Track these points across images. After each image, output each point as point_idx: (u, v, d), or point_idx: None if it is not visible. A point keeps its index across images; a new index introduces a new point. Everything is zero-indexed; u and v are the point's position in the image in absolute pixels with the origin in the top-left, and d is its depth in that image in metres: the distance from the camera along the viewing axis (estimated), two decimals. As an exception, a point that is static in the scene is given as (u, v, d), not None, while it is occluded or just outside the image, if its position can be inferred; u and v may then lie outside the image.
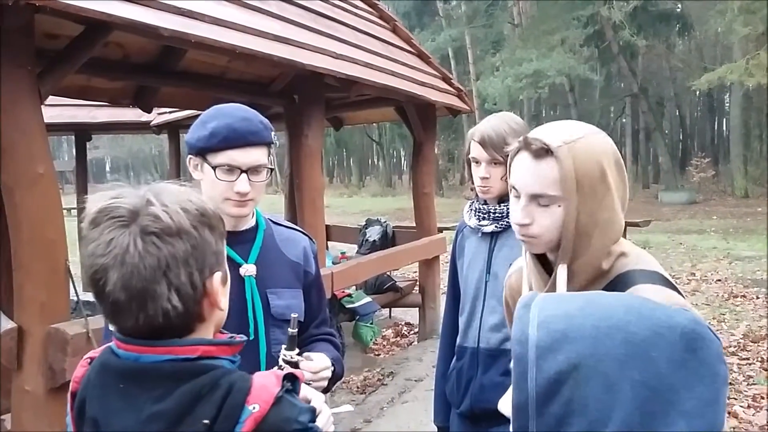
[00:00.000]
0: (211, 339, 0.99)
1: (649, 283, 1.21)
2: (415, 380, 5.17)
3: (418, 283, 6.71)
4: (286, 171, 6.49)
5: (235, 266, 1.56)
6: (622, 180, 1.27)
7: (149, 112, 5.91)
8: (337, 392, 5.15)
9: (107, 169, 67.76)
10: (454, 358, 2.19)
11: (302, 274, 1.70)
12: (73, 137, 8.69)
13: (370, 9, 6.08)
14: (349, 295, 5.87)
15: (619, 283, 1.23)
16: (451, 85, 6.43)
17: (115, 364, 0.96)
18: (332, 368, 1.55)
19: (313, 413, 0.99)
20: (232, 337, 1.05)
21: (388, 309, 7.23)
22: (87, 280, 0.93)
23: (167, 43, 3.47)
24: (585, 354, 0.87)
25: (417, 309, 6.60)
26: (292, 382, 0.98)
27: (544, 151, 1.22)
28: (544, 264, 1.35)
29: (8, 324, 2.61)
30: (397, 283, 6.54)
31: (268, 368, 1.49)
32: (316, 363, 1.48)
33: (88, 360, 1.04)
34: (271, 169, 1.60)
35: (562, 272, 1.24)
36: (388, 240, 7.37)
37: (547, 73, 21.24)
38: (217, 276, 0.98)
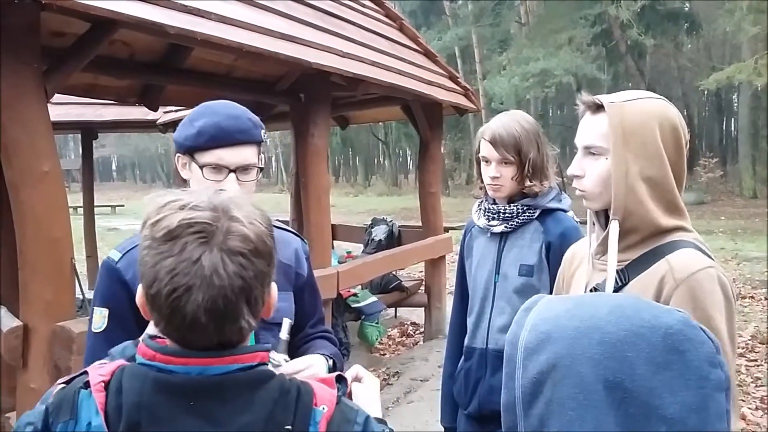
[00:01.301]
0: (263, 345, 0.98)
1: (691, 248, 1.29)
2: (421, 380, 5.15)
3: (423, 282, 6.69)
4: (292, 170, 6.49)
5: None
6: (677, 146, 1.33)
7: (155, 110, 5.90)
8: (342, 392, 5.14)
9: (113, 167, 68.03)
10: (462, 358, 2.17)
11: (293, 276, 1.66)
12: (79, 135, 8.70)
13: (377, 7, 6.06)
14: (355, 295, 5.86)
15: (668, 247, 1.30)
16: (457, 84, 6.41)
17: (180, 382, 0.88)
18: (328, 364, 1.52)
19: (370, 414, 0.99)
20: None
21: (393, 308, 7.22)
22: (161, 297, 0.87)
23: (174, 41, 3.46)
24: (562, 354, 0.86)
25: (423, 309, 6.58)
26: (344, 384, 1.01)
27: (597, 107, 1.35)
28: (607, 224, 1.40)
29: (13, 322, 2.60)
30: (402, 283, 6.53)
31: None
32: (307, 371, 1.44)
33: (103, 384, 0.92)
34: (261, 168, 1.56)
35: (613, 227, 1.31)
36: (393, 239, 7.36)
37: (554, 72, 21.16)
38: (274, 286, 0.97)
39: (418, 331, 6.93)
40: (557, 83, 22.27)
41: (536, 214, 2.03)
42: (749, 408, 4.45)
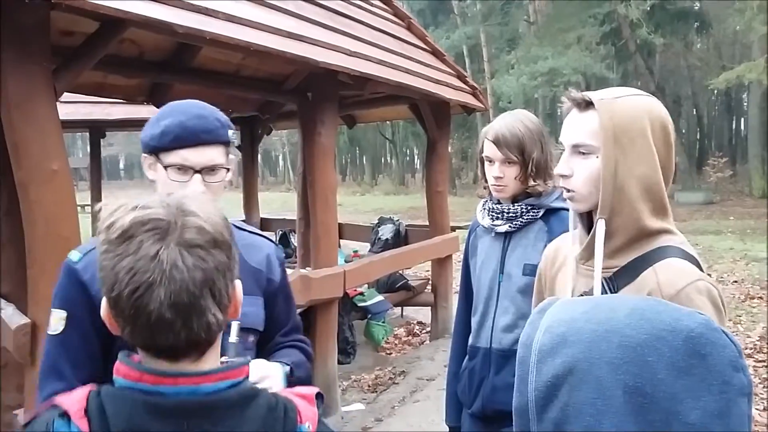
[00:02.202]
0: (246, 359, 0.97)
1: (679, 257, 1.26)
2: (427, 379, 5.15)
3: (430, 281, 6.69)
4: (299, 169, 6.49)
5: None
6: (667, 144, 1.31)
7: (163, 109, 5.92)
8: (348, 391, 5.15)
9: (121, 166, 68.26)
10: (466, 357, 2.17)
11: (264, 281, 1.61)
12: (87, 134, 8.74)
13: (385, 6, 6.06)
14: (362, 294, 5.87)
15: (655, 254, 1.28)
16: (465, 83, 6.40)
17: (172, 404, 0.86)
18: (284, 370, 1.49)
19: None
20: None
21: (400, 308, 7.22)
22: (122, 298, 0.84)
23: (182, 39, 3.47)
24: (579, 358, 0.83)
25: (429, 308, 6.58)
26: (319, 399, 1.01)
27: (586, 104, 1.32)
28: (590, 226, 1.40)
29: (22, 319, 2.62)
30: (409, 282, 6.54)
31: None
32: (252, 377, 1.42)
33: (82, 410, 0.87)
34: (227, 169, 1.51)
35: (600, 227, 1.29)
36: (400, 238, 7.37)
37: (562, 71, 21.08)
38: (238, 283, 0.95)
39: (424, 331, 6.93)
40: (566, 82, 22.16)
41: (540, 214, 2.03)
42: (757, 409, 4.43)
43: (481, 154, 2.07)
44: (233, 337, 1.37)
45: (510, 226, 2.04)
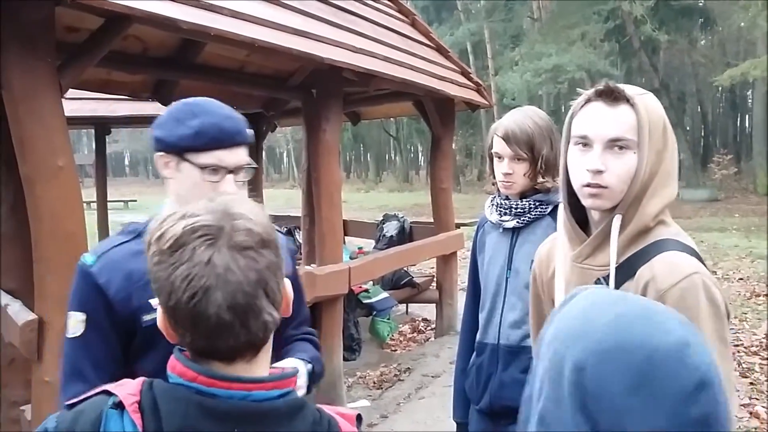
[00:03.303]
0: (294, 370, 0.98)
1: (675, 251, 1.26)
2: (432, 376, 5.15)
3: (435, 278, 6.69)
4: (304, 165, 6.49)
5: None
6: (674, 142, 1.33)
7: (168, 105, 5.92)
8: (353, 387, 5.15)
9: (126, 162, 68.41)
10: (474, 354, 2.17)
11: None
12: (92, 131, 8.76)
13: (389, 3, 6.05)
14: (366, 291, 5.87)
15: (652, 248, 1.28)
16: (470, 79, 6.39)
17: (225, 407, 0.87)
18: (307, 368, 1.50)
19: None
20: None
21: (405, 304, 7.22)
22: (181, 305, 0.86)
23: (187, 36, 3.47)
24: (559, 353, 0.82)
25: (434, 305, 6.58)
26: (359, 421, 1.00)
27: (621, 98, 1.29)
28: (582, 224, 1.39)
29: (29, 315, 2.63)
30: (414, 279, 6.53)
31: None
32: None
33: (135, 405, 0.88)
34: (254, 168, 1.54)
35: (616, 222, 1.28)
36: (405, 235, 7.36)
37: (566, 68, 21.05)
38: (287, 282, 0.96)
39: (429, 328, 6.93)
40: (570, 79, 22.14)
41: (549, 210, 2.03)
42: (763, 406, 4.42)
43: (491, 151, 2.06)
44: None
45: (518, 222, 2.04)
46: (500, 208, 2.08)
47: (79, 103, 6.28)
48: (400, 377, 5.30)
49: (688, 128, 32.37)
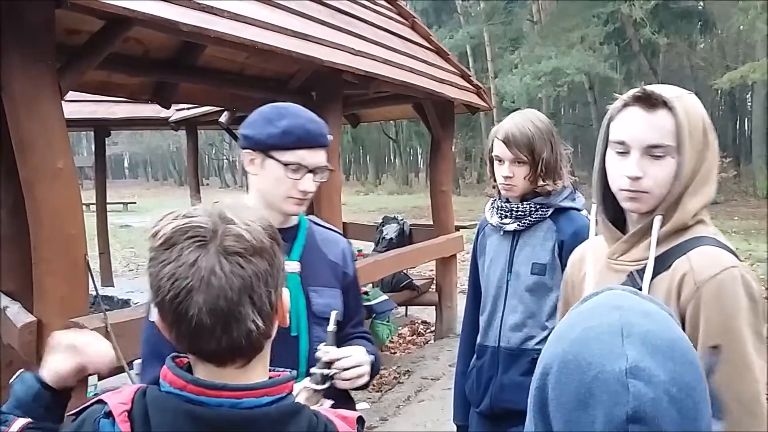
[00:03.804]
0: (291, 374, 0.97)
1: (713, 246, 1.26)
2: (432, 379, 5.15)
3: (434, 281, 6.68)
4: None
5: None
6: (714, 141, 1.32)
7: (168, 108, 5.93)
8: (352, 390, 5.14)
9: (125, 165, 68.39)
10: (474, 356, 2.17)
11: (341, 274, 1.73)
12: (92, 133, 8.76)
13: (389, 5, 6.06)
14: (366, 293, 5.85)
15: (689, 244, 1.27)
16: (469, 82, 6.39)
17: (214, 416, 0.87)
18: (371, 362, 1.60)
19: None
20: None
21: (404, 307, 7.21)
22: (165, 304, 0.87)
23: (186, 38, 3.47)
24: (543, 357, 0.82)
25: (433, 307, 6.58)
26: (360, 424, 1.00)
27: (659, 103, 1.27)
28: (617, 222, 1.39)
29: (27, 317, 2.62)
30: (413, 282, 6.52)
31: (308, 365, 1.53)
32: (352, 358, 1.54)
33: (125, 412, 0.90)
34: (331, 169, 1.64)
35: (657, 222, 1.28)
36: (404, 238, 7.35)
37: (566, 70, 21.04)
38: (285, 292, 0.96)
39: (428, 330, 6.93)
40: (569, 82, 22.14)
41: (549, 213, 2.03)
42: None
43: (491, 154, 2.07)
44: (331, 326, 1.50)
45: (519, 225, 2.04)
46: (501, 211, 2.08)
47: (78, 105, 6.29)
48: (400, 380, 5.29)
49: (687, 131, 32.30)
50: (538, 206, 2.03)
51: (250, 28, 3.21)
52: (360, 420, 1.00)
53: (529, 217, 2.02)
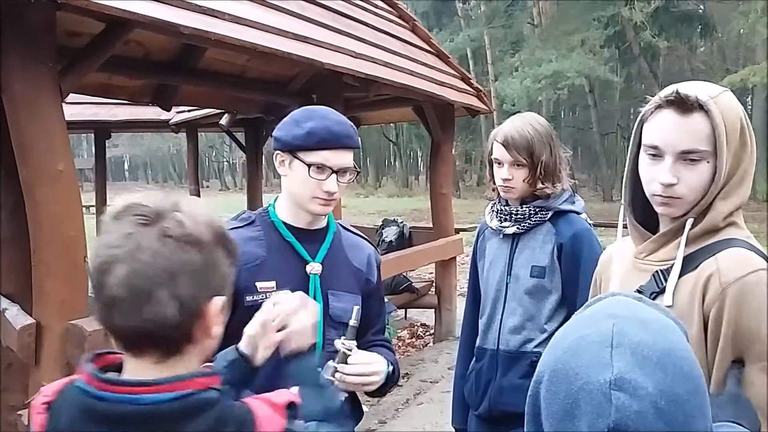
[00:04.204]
0: (205, 371, 0.95)
1: (743, 248, 1.22)
2: (431, 382, 5.14)
3: (434, 284, 6.68)
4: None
5: (302, 263, 1.62)
6: (752, 139, 1.27)
7: (168, 110, 5.93)
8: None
9: (126, 167, 68.42)
10: (473, 359, 2.17)
11: (363, 281, 1.73)
12: (92, 135, 8.77)
13: (390, 8, 6.06)
14: (365, 295, 5.85)
15: (719, 245, 1.24)
16: (470, 85, 6.40)
17: (110, 411, 0.87)
18: (387, 369, 1.60)
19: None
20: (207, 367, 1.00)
21: (403, 310, 7.21)
22: (91, 269, 0.88)
23: (187, 41, 3.48)
24: (546, 364, 0.81)
25: (433, 310, 6.57)
26: (293, 408, 0.97)
27: (694, 106, 1.21)
28: (646, 222, 1.36)
29: (27, 320, 2.62)
30: (413, 284, 6.52)
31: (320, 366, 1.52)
32: (371, 366, 1.54)
33: (45, 405, 0.92)
34: (358, 172, 1.68)
35: (689, 225, 1.25)
36: (404, 240, 7.34)
37: (566, 74, 21.05)
38: (218, 301, 0.93)
39: (428, 333, 6.92)
40: (570, 85, 22.16)
41: (548, 216, 2.03)
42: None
43: (490, 156, 2.07)
44: (353, 321, 1.50)
45: (518, 228, 2.04)
46: (500, 214, 2.09)
47: (79, 108, 6.29)
48: (399, 383, 5.29)
49: (687, 134, 32.32)
50: (537, 209, 2.03)
51: (250, 31, 3.21)
52: (290, 405, 0.97)
53: (528, 220, 2.03)
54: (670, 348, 0.75)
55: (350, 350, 1.50)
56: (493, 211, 2.14)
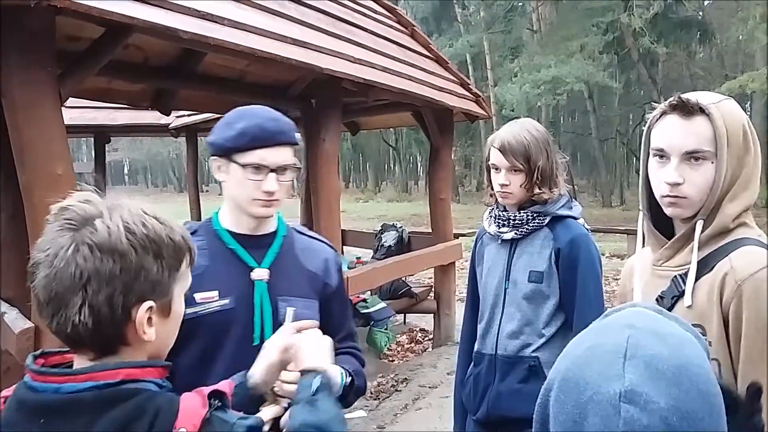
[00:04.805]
0: (133, 361, 0.96)
1: (756, 245, 1.27)
2: (429, 387, 5.14)
3: (433, 289, 6.68)
4: (303, 175, 6.50)
5: (247, 269, 1.55)
6: (756, 145, 1.33)
7: (168, 114, 5.94)
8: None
9: (125, 171, 68.37)
10: (472, 364, 2.17)
11: (321, 285, 1.66)
12: (92, 139, 8.77)
13: (389, 14, 6.08)
14: (364, 300, 5.86)
15: (732, 245, 1.29)
16: (468, 90, 6.41)
17: (33, 399, 0.92)
18: (344, 381, 1.52)
19: (255, 421, 0.98)
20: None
21: (402, 315, 7.20)
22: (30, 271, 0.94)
23: (187, 45, 3.49)
24: (556, 372, 0.80)
25: (432, 315, 6.57)
26: (219, 398, 0.97)
27: (696, 110, 1.29)
28: (662, 229, 1.40)
29: (25, 323, 2.62)
30: (412, 289, 6.52)
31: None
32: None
33: (3, 399, 0.98)
34: (298, 168, 1.60)
35: (699, 226, 1.30)
36: (403, 245, 7.35)
37: (565, 79, 21.09)
38: (145, 305, 0.94)
39: (427, 338, 6.91)
40: (569, 91, 22.19)
41: (546, 221, 2.04)
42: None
43: (488, 162, 2.08)
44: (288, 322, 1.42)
45: (516, 233, 2.05)
46: (498, 219, 2.09)
47: (78, 112, 6.29)
48: (398, 388, 5.28)
49: (686, 140, 32.32)
50: (535, 215, 2.04)
51: (250, 36, 3.22)
52: (213, 394, 0.97)
53: (526, 226, 2.03)
54: (686, 363, 0.72)
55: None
56: (491, 216, 2.15)
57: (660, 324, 0.78)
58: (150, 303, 0.95)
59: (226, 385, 1.05)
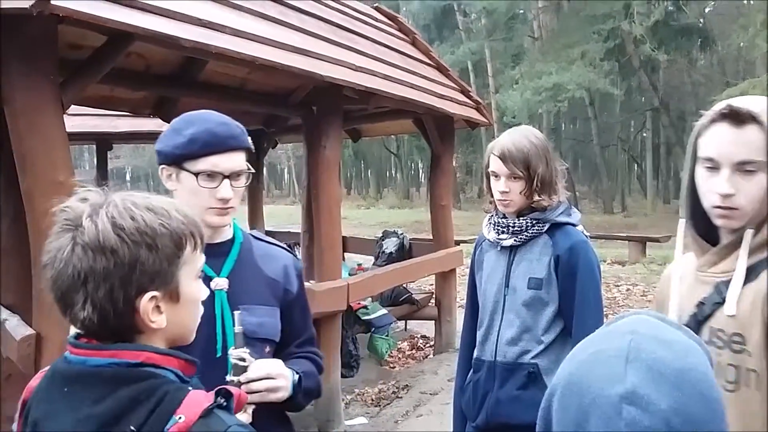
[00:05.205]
0: (156, 347, 1.00)
1: None
2: (431, 393, 5.13)
3: (434, 295, 6.68)
4: (304, 182, 6.51)
5: (206, 279, 1.53)
6: None
7: (169, 122, 5.95)
8: (351, 404, 5.13)
9: (127, 178, 68.45)
10: (471, 370, 2.18)
11: (281, 291, 1.62)
12: (94, 147, 8.79)
13: (390, 22, 6.11)
14: (365, 307, 5.86)
15: None
16: (469, 97, 6.42)
17: (63, 369, 1.00)
18: (293, 378, 1.51)
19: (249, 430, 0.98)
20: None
21: (403, 321, 7.20)
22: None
23: (188, 54, 3.50)
24: (560, 376, 0.80)
25: (433, 322, 6.56)
26: (226, 398, 0.97)
27: (747, 119, 1.25)
28: (707, 235, 1.38)
29: (26, 330, 2.62)
30: (413, 296, 6.51)
31: None
32: (262, 369, 1.43)
33: (44, 372, 1.06)
34: (252, 173, 1.55)
35: (748, 235, 1.28)
36: (404, 252, 7.35)
37: (566, 86, 21.15)
38: (147, 296, 0.97)
39: (428, 345, 6.90)
40: (570, 98, 22.25)
41: (545, 228, 2.04)
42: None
43: (487, 169, 2.09)
44: (237, 327, 1.40)
45: (515, 240, 2.05)
46: (498, 226, 2.10)
47: (80, 119, 6.30)
48: (399, 394, 5.27)
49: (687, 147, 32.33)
50: (534, 221, 2.04)
51: (251, 44, 3.24)
52: (222, 392, 0.97)
53: (525, 233, 2.04)
54: (688, 368, 0.73)
55: (243, 360, 1.39)
56: (490, 223, 2.15)
57: (663, 331, 0.79)
58: (152, 293, 0.98)
59: (232, 388, 1.05)
